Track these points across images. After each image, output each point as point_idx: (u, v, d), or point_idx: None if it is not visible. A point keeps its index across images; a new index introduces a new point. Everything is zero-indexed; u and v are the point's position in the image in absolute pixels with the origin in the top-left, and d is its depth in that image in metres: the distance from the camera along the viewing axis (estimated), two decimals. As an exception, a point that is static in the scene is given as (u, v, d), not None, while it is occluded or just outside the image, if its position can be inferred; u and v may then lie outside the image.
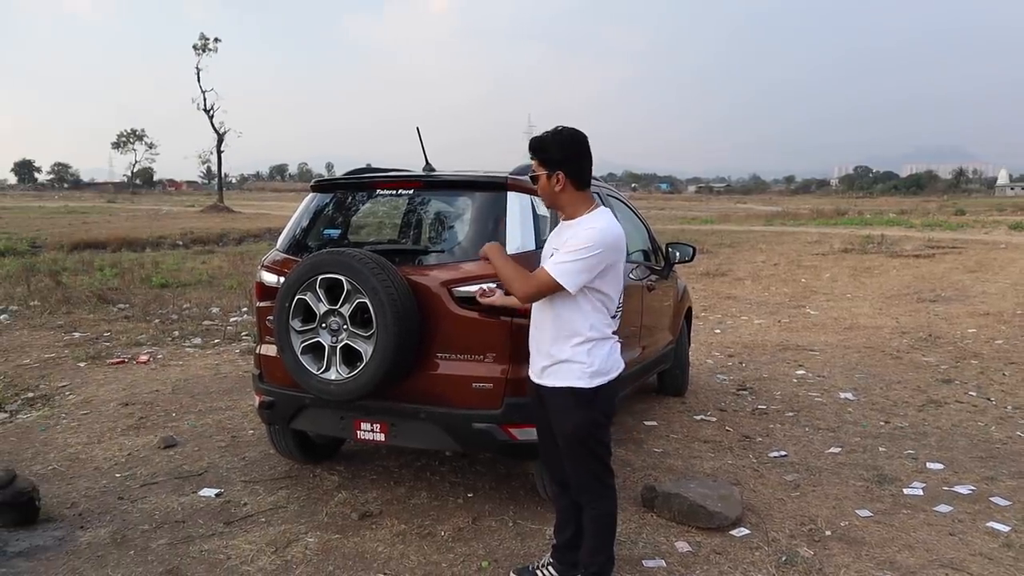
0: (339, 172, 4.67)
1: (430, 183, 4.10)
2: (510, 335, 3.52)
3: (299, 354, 3.76)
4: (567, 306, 2.86)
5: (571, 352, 2.87)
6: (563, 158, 2.87)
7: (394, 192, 4.19)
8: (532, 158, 2.93)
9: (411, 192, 4.18)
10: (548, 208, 3.29)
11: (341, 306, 3.65)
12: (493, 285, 3.47)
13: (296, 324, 3.76)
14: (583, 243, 2.77)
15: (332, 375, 3.70)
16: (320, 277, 3.66)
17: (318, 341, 3.74)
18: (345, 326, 3.66)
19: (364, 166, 4.75)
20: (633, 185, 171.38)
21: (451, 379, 3.69)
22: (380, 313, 3.50)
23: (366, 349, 3.59)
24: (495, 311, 3.50)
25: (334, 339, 3.70)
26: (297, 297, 3.73)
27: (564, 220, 2.98)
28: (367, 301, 3.53)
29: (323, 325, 3.72)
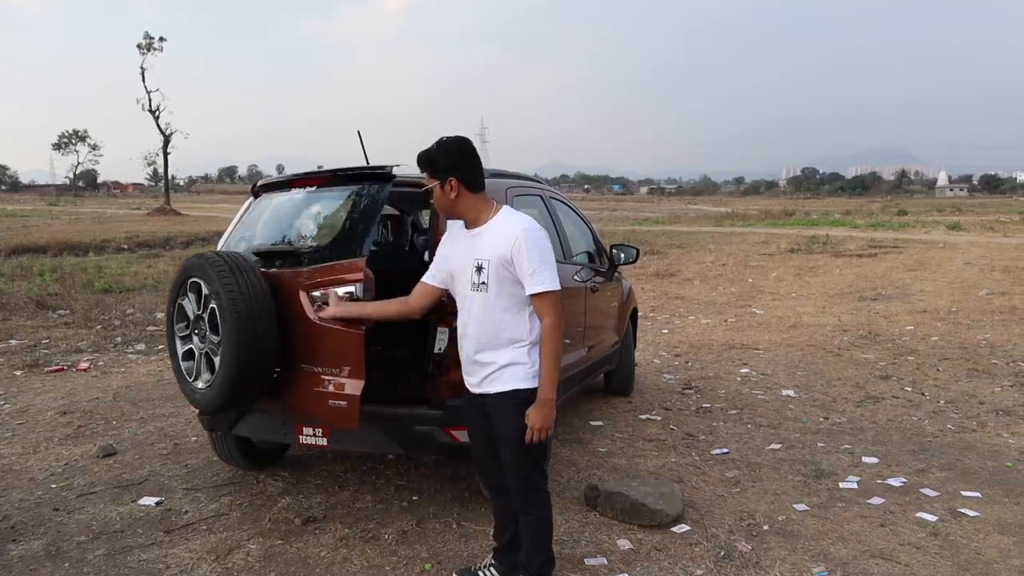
0: (289, 173, 4.59)
1: (333, 179, 3.91)
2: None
3: (180, 360, 3.64)
4: (510, 315, 2.87)
5: (512, 355, 2.88)
6: (452, 164, 2.86)
7: (313, 188, 3.96)
8: (423, 172, 2.94)
9: (314, 188, 3.94)
10: (448, 219, 3.18)
11: (205, 311, 3.48)
12: (343, 291, 3.33)
13: (179, 329, 3.64)
14: (532, 247, 2.79)
15: (199, 383, 3.53)
16: (189, 280, 3.53)
17: (191, 347, 3.60)
18: (207, 332, 3.48)
19: (316, 168, 4.68)
20: (586, 187, 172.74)
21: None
22: (222, 318, 3.31)
23: (219, 357, 3.40)
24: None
25: (202, 345, 3.52)
26: (177, 302, 3.62)
27: (469, 228, 2.94)
28: (214, 305, 3.37)
29: (195, 331, 3.56)
